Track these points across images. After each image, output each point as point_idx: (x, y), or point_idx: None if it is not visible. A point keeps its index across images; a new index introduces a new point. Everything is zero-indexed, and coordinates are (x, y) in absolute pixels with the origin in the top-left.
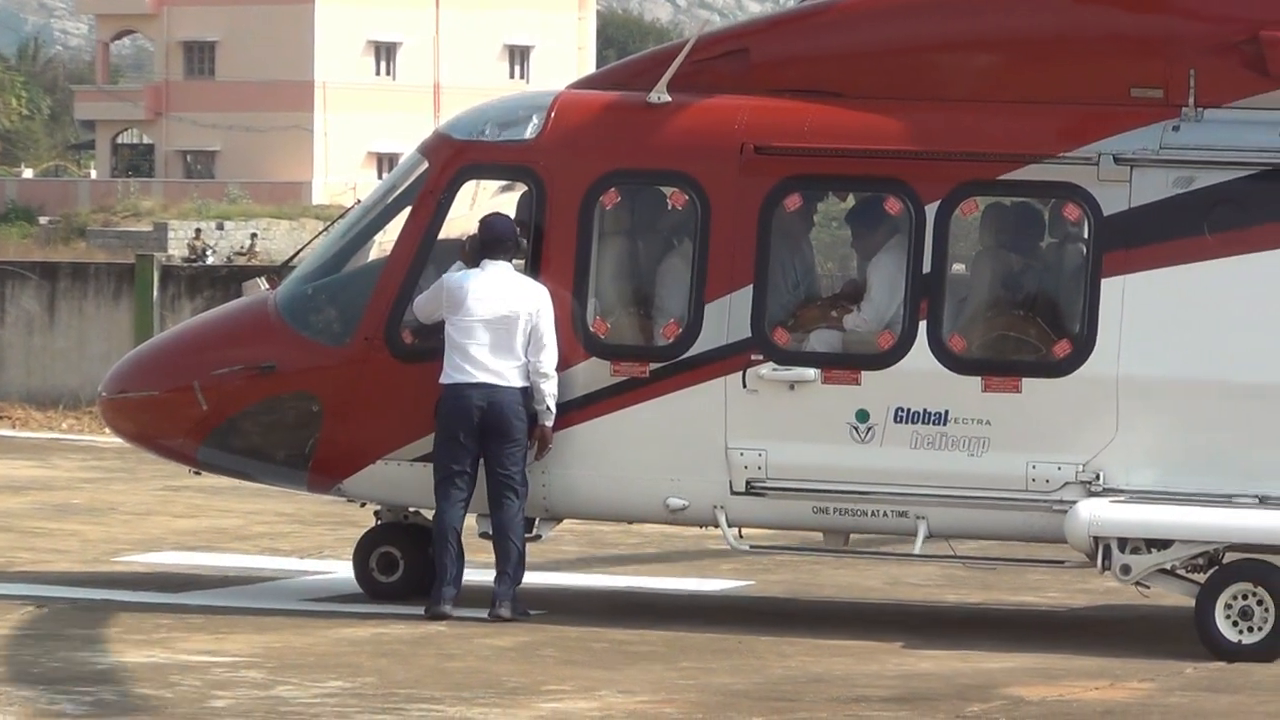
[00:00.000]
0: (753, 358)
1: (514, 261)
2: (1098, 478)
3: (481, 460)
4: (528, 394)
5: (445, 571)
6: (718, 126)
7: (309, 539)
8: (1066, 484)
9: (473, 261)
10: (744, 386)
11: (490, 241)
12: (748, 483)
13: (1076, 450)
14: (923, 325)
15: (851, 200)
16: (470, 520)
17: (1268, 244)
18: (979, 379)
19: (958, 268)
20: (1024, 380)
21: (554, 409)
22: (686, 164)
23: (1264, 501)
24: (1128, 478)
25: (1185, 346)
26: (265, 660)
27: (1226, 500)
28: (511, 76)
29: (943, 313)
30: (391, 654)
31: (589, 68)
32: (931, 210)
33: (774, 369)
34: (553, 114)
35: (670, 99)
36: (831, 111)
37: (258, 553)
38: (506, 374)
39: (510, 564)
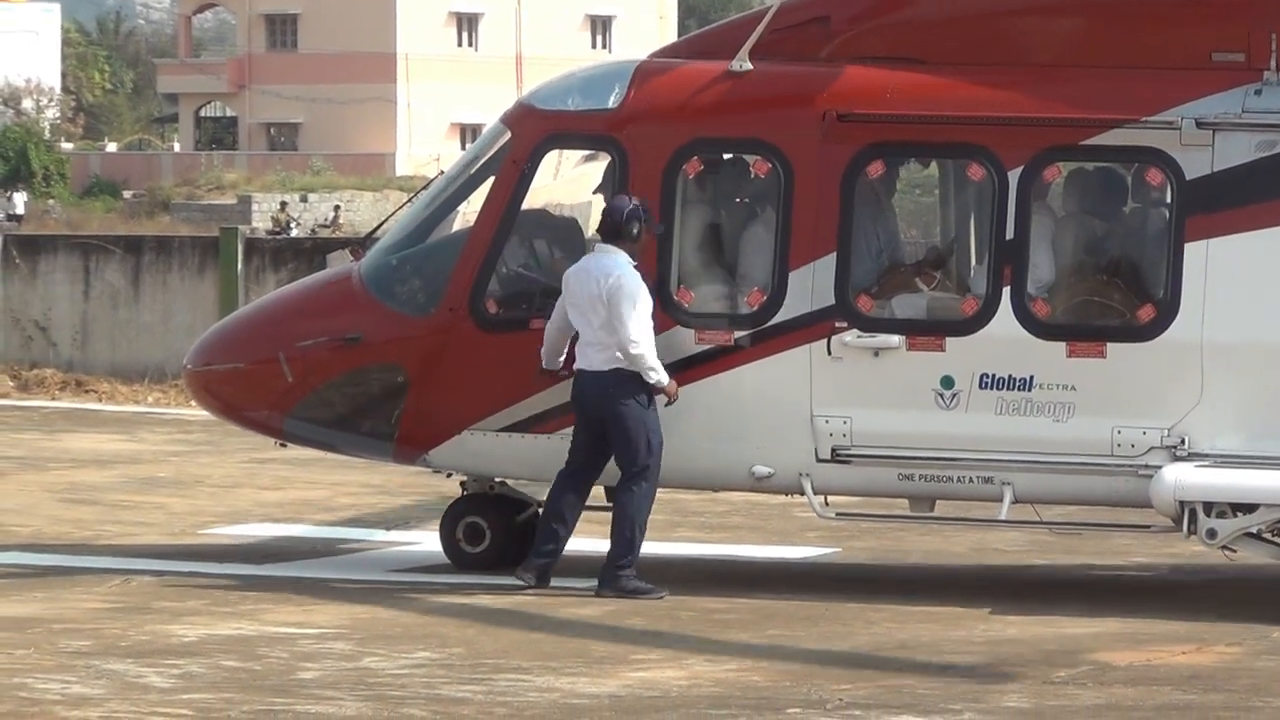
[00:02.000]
0: (837, 325)
1: (637, 242)
2: (1183, 442)
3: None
4: (619, 375)
5: (538, 543)
6: (800, 94)
7: (395, 510)
8: (1151, 449)
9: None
10: (829, 354)
11: (603, 226)
12: (833, 450)
13: (1161, 415)
14: (1006, 291)
15: (935, 167)
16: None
17: None
18: (1064, 344)
19: (1041, 233)
20: (1109, 345)
21: (658, 370)
22: (769, 132)
23: None
24: (1213, 442)
25: (1269, 310)
26: (352, 631)
27: None
28: (593, 46)
29: (1026, 278)
30: (478, 624)
31: (670, 37)
32: (1014, 176)
33: (858, 336)
34: (635, 83)
35: (752, 67)
36: (914, 78)
37: (344, 524)
38: (593, 358)
39: (619, 544)
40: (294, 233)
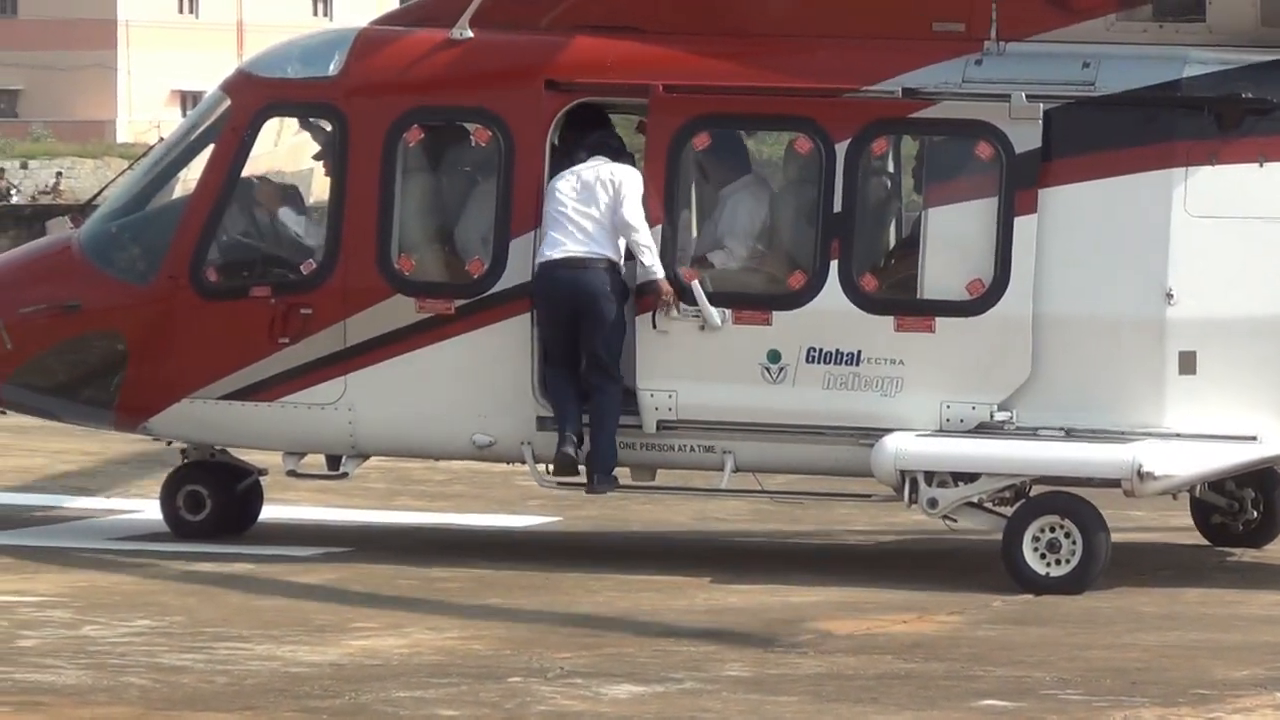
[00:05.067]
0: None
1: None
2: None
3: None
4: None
5: (563, 420)
6: (520, 62)
7: (116, 478)
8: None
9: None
10: (653, 327)
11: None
12: (659, 424)
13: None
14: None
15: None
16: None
17: (1070, 177)
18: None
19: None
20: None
21: (654, 265)
22: (489, 99)
23: (1070, 434)
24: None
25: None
26: (72, 600)
27: (1032, 433)
28: (315, 14)
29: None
30: (199, 592)
31: (393, 4)
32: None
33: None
34: (355, 50)
35: (473, 34)
36: (633, 48)
37: (64, 492)
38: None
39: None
40: (14, 200)
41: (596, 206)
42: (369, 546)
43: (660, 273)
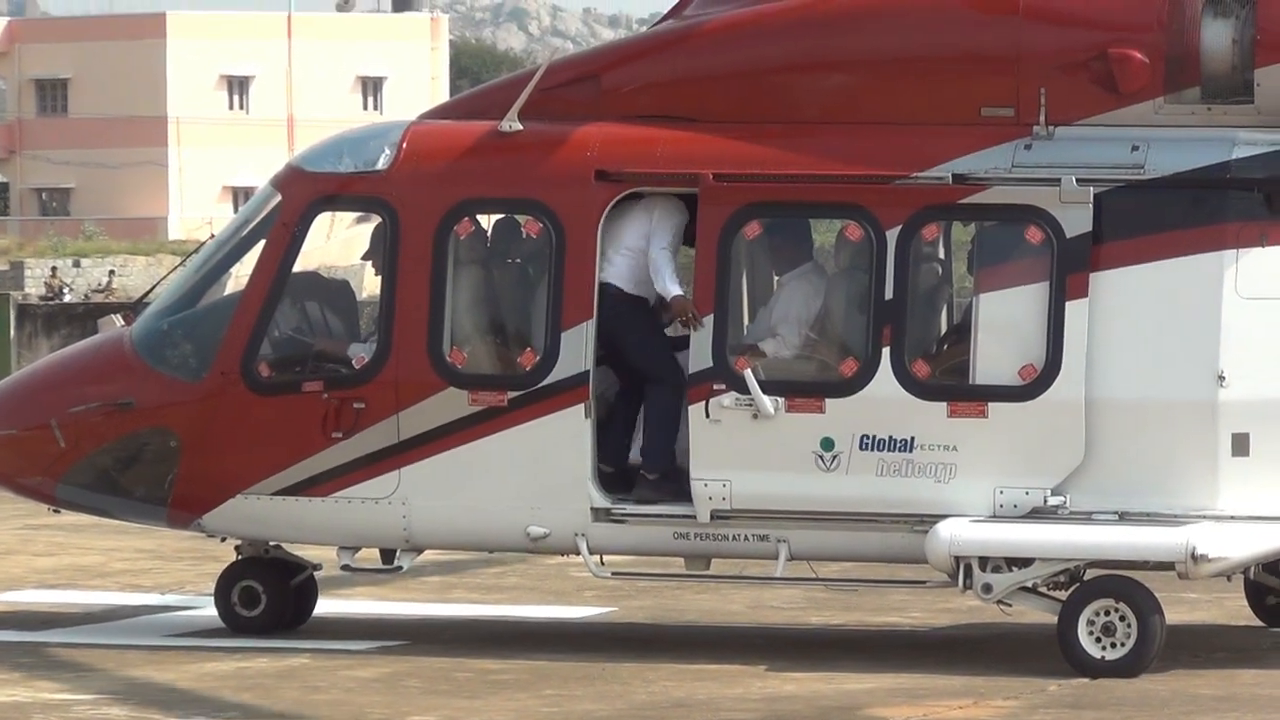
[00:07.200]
0: (715, 387)
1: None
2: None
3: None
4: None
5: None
6: (569, 153)
7: (170, 575)
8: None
9: None
10: (706, 416)
11: None
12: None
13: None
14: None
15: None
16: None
17: (1121, 261)
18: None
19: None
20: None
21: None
22: (539, 191)
23: (1123, 517)
24: None
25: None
26: (128, 697)
27: (1086, 517)
28: (365, 108)
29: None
30: (255, 688)
31: (442, 97)
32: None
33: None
34: (404, 144)
35: (521, 127)
36: (683, 137)
37: (119, 589)
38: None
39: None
40: (67, 298)
41: (621, 233)
42: (424, 639)
43: (673, 291)
